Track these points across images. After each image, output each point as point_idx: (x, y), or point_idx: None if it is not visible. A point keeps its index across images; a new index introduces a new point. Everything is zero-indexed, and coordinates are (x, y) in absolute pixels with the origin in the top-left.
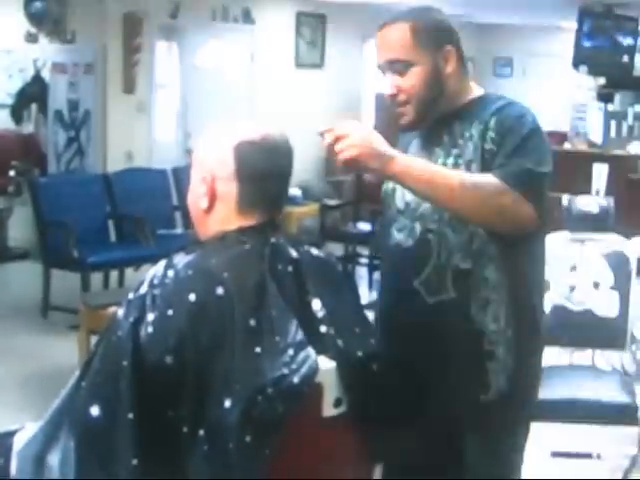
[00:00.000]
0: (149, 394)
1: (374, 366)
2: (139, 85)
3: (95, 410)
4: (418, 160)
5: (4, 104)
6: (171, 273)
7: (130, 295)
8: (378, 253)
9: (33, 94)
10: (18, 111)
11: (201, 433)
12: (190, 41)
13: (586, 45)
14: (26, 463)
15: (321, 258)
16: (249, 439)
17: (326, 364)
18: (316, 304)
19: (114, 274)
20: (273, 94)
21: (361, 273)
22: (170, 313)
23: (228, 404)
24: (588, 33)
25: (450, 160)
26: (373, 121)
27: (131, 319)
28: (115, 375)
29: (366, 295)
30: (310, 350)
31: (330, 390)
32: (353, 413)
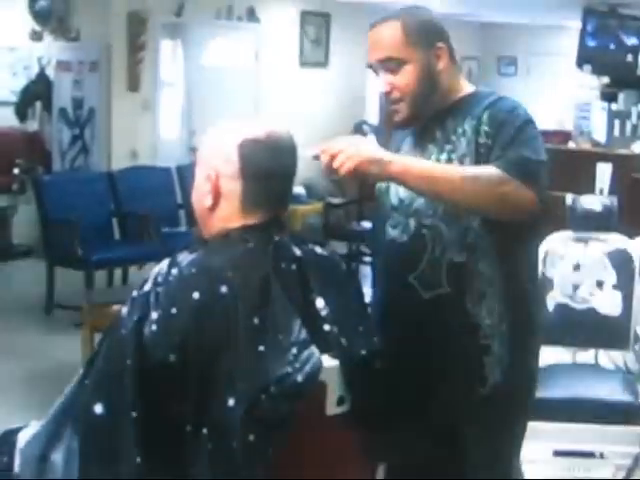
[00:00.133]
0: (152, 392)
1: (377, 364)
2: (144, 83)
3: (99, 408)
4: (414, 159)
5: (9, 102)
6: (175, 271)
7: (134, 293)
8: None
9: (38, 92)
10: (22, 109)
11: (204, 432)
12: (195, 39)
13: (590, 44)
14: (30, 461)
15: (325, 256)
16: (252, 438)
17: (329, 362)
18: (320, 302)
19: (118, 272)
20: (277, 92)
21: (365, 271)
22: (174, 311)
23: (232, 403)
24: (592, 32)
25: (443, 156)
26: (377, 120)
27: (135, 317)
28: (119, 373)
29: (370, 293)
30: (314, 349)
31: (333, 389)
32: (356, 411)
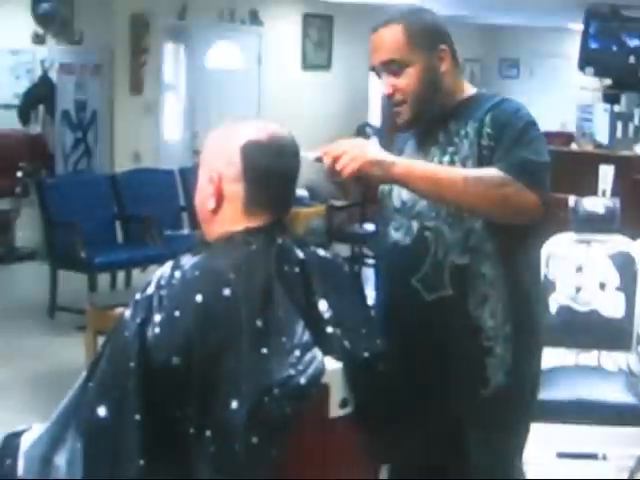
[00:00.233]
0: (156, 395)
1: (380, 367)
2: (146, 86)
3: (102, 411)
4: (417, 161)
5: (11, 105)
6: (178, 274)
7: (137, 296)
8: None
9: (40, 95)
10: (25, 112)
11: (208, 434)
12: (197, 42)
13: (592, 46)
14: (33, 463)
15: (328, 259)
16: (256, 440)
17: (332, 365)
18: (322, 305)
19: (121, 275)
20: (280, 95)
21: (368, 274)
22: (177, 314)
23: (235, 405)
24: (594, 34)
25: (446, 158)
26: (380, 122)
27: (138, 320)
28: (122, 376)
29: (373, 296)
30: (317, 351)
31: (336, 391)
32: (359, 414)
